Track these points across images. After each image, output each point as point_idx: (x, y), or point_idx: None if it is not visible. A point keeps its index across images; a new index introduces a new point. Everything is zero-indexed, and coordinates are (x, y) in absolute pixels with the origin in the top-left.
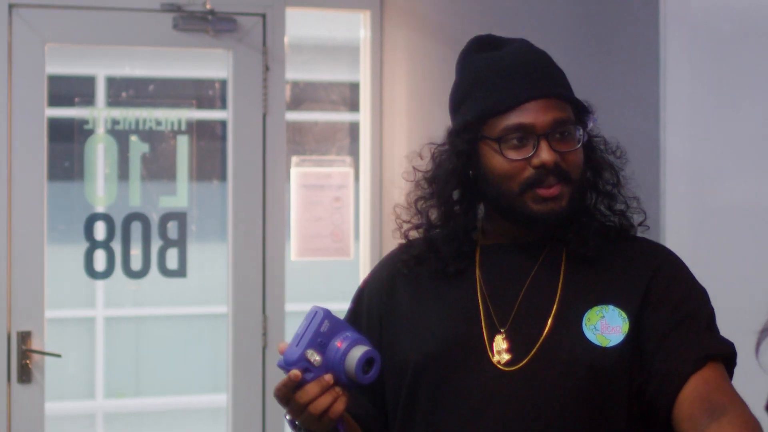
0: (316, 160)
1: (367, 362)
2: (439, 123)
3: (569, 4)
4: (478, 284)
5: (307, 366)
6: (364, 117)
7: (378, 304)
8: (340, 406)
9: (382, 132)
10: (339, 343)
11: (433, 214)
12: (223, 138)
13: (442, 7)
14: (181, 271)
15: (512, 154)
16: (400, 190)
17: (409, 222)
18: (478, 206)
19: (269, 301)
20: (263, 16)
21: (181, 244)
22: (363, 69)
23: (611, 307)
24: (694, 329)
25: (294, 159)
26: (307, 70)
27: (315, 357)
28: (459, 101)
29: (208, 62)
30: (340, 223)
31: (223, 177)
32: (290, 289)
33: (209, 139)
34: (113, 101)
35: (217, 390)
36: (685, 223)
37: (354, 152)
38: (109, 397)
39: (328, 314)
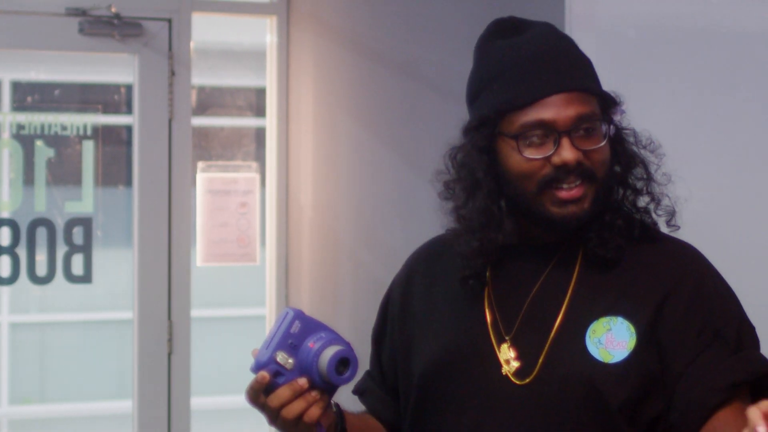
0: (222, 166)
1: (341, 362)
2: (346, 127)
3: (473, 9)
4: (486, 288)
5: (278, 369)
6: (270, 122)
7: (398, 305)
8: (315, 411)
9: (289, 137)
10: (312, 344)
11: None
12: (129, 143)
13: (348, 13)
14: (86, 277)
15: (531, 153)
16: (305, 195)
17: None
18: (501, 204)
19: (175, 306)
20: (169, 21)
21: (86, 249)
22: (269, 74)
23: (620, 320)
24: (720, 351)
25: (200, 164)
26: (213, 76)
27: (287, 359)
28: (475, 93)
29: (113, 67)
30: (246, 229)
31: (128, 182)
32: (196, 295)
33: (115, 144)
34: (18, 106)
35: (122, 396)
36: None
37: (260, 158)
38: (13, 404)
39: (299, 315)
